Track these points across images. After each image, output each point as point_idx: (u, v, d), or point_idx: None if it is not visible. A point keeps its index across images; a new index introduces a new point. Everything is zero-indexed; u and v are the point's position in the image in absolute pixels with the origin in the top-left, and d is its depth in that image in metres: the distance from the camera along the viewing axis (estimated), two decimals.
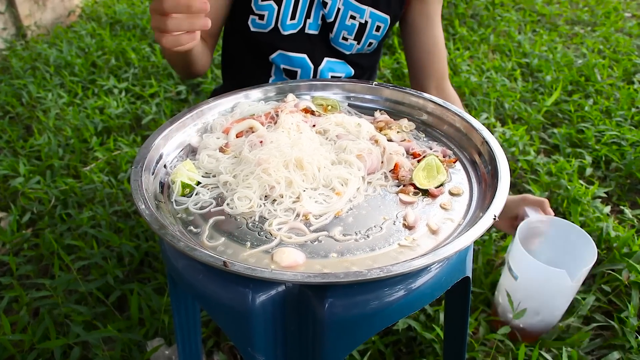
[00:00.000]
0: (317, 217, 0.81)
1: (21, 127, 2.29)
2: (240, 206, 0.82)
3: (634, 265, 1.54)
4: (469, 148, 0.98)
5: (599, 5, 4.14)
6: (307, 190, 0.85)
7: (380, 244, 0.77)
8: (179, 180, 0.86)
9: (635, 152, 2.14)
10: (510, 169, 2.01)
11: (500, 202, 0.78)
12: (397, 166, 0.91)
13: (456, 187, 0.89)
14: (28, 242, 1.69)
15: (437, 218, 0.82)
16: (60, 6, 3.54)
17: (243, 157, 0.89)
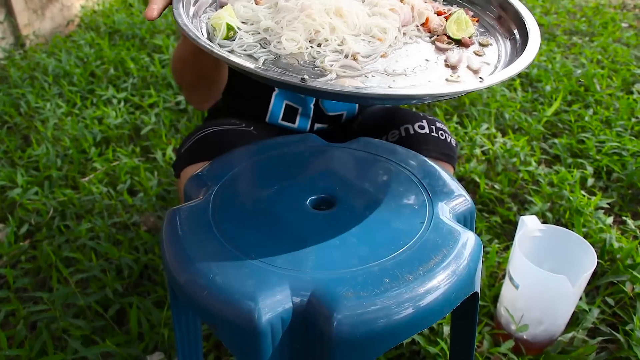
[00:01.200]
0: (365, 57, 0.86)
1: (19, 137, 2.27)
2: (289, 47, 0.84)
3: (637, 277, 1.53)
4: (488, 10, 1.06)
5: (596, 16, 4.14)
6: (349, 36, 0.88)
7: (429, 78, 0.84)
8: (224, 21, 0.86)
9: (636, 163, 2.13)
10: (512, 180, 2.01)
11: (536, 40, 0.89)
12: (428, 20, 0.98)
13: (484, 39, 0.97)
14: (25, 254, 1.67)
15: (475, 61, 0.89)
16: (59, 15, 3.53)
17: (282, 6, 0.90)
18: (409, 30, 0.96)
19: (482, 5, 1.08)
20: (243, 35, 0.87)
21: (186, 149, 1.18)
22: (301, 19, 0.86)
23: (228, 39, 0.87)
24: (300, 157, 1.00)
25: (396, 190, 0.90)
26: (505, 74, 0.81)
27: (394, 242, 0.78)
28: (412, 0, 1.00)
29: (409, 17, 0.97)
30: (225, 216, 0.84)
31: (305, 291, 0.70)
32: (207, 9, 0.97)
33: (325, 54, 0.84)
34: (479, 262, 0.81)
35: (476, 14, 1.06)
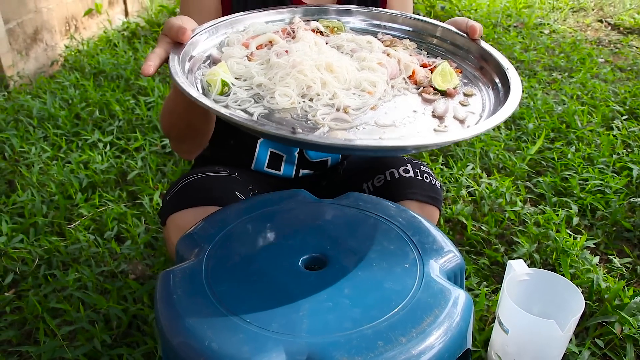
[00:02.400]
0: (356, 110, 0.90)
1: (3, 183, 2.26)
2: (282, 102, 0.88)
3: (626, 318, 1.54)
4: (469, 61, 1.10)
5: (573, 52, 4.24)
6: (340, 90, 0.91)
7: (417, 129, 0.88)
8: (219, 78, 0.88)
9: (619, 200, 2.16)
10: (498, 220, 2.02)
11: (518, 90, 0.93)
12: (414, 72, 1.03)
13: (468, 89, 1.02)
14: (10, 305, 1.65)
15: (460, 111, 0.94)
16: (43, 55, 3.54)
17: (274, 62, 0.94)
18: (397, 83, 1.00)
19: (463, 57, 1.12)
20: (237, 91, 0.90)
21: (171, 196, 1.19)
22: (293, 75, 0.90)
23: (223, 94, 0.89)
24: (291, 215, 1.00)
25: (387, 249, 0.91)
26: (489, 123, 0.85)
27: (386, 303, 0.79)
28: (398, 53, 1.05)
29: (396, 70, 1.02)
30: (219, 278, 0.84)
31: (300, 356, 0.71)
32: (201, 65, 1.00)
33: (317, 108, 0.87)
34: (470, 319, 0.82)
35: (459, 65, 1.10)
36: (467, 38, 1.10)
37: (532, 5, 5.77)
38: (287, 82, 0.90)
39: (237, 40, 1.05)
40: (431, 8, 4.49)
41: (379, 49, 1.07)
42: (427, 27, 1.18)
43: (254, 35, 1.07)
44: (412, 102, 0.96)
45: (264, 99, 0.89)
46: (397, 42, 1.13)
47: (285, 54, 0.95)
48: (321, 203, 1.04)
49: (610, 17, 5.42)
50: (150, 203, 2.06)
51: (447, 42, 1.15)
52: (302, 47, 0.97)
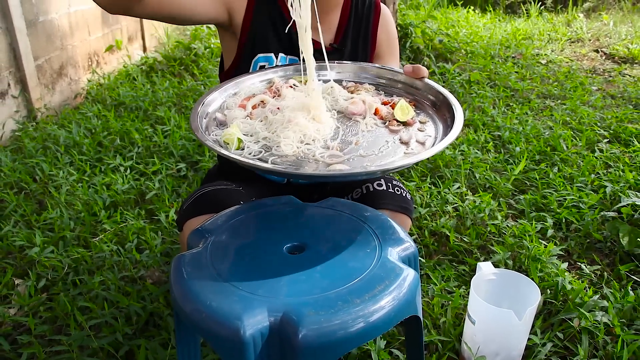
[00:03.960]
0: (344, 146, 1.19)
1: (35, 202, 2.51)
2: (286, 150, 1.14)
3: (584, 313, 1.74)
4: (419, 95, 1.41)
5: (567, 80, 4.47)
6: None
7: (392, 154, 1.16)
8: (236, 137, 1.15)
9: (592, 215, 2.36)
10: (480, 233, 2.24)
11: (460, 117, 1.21)
12: (378, 110, 1.32)
13: (422, 117, 1.31)
14: (43, 305, 1.88)
15: (420, 136, 1.23)
16: (68, 89, 3.83)
17: (272, 119, 1.22)
18: (369, 121, 1.28)
19: (413, 92, 1.44)
20: (249, 145, 1.18)
21: (187, 205, 1.41)
22: (291, 128, 1.18)
23: (239, 149, 1.17)
24: (280, 214, 1.24)
25: (354, 239, 1.13)
26: (442, 144, 1.14)
27: (348, 276, 1.01)
28: (362, 95, 1.36)
29: (363, 108, 1.32)
30: (219, 259, 1.07)
31: (278, 312, 0.93)
32: (212, 127, 1.29)
33: (315, 149, 1.16)
34: (417, 291, 1.04)
35: (411, 99, 1.41)
36: (415, 78, 1.44)
37: (531, 37, 6.02)
38: (286, 134, 1.17)
39: (234, 104, 1.34)
40: (430, 41, 4.75)
41: (341, 95, 1.37)
42: (383, 72, 1.51)
43: (246, 97, 1.37)
44: (383, 134, 1.25)
45: (271, 149, 1.16)
46: (359, 87, 1.44)
47: (277, 110, 1.25)
48: (305, 205, 1.27)
49: (605, 47, 5.65)
50: (166, 219, 2.30)
51: (400, 82, 1.48)
52: (288, 104, 1.27)
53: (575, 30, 6.36)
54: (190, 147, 2.92)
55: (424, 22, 5.02)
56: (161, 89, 3.84)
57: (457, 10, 7.07)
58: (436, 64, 4.58)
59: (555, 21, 6.95)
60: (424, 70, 1.41)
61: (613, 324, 1.74)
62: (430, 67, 4.46)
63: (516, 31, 6.16)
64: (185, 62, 4.51)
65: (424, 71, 1.41)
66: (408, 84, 1.45)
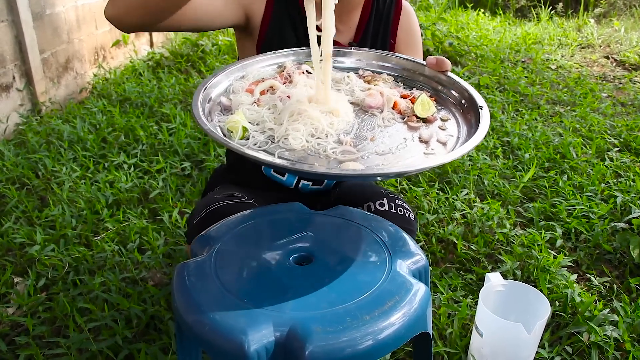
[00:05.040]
0: (358, 142, 1.08)
1: (37, 199, 2.48)
2: (295, 144, 1.04)
3: (593, 328, 1.71)
4: (441, 90, 1.30)
5: (577, 86, 4.42)
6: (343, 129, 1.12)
7: (410, 154, 1.05)
8: (241, 125, 1.05)
9: (602, 225, 2.32)
10: (488, 241, 2.20)
11: (487, 118, 1.10)
12: (396, 103, 1.21)
13: (444, 115, 1.20)
14: (43, 305, 1.85)
15: (442, 135, 1.12)
16: (73, 83, 3.80)
17: (282, 109, 1.11)
18: (386, 115, 1.18)
19: (435, 87, 1.32)
20: (255, 135, 1.08)
21: (198, 220, 1.36)
22: (302, 120, 1.08)
23: (243, 138, 1.07)
24: (287, 222, 1.20)
25: (363, 250, 1.10)
26: (466, 147, 1.02)
27: (357, 290, 0.97)
28: (379, 87, 1.25)
29: (381, 101, 1.21)
30: (224, 269, 1.03)
31: (284, 327, 0.89)
32: (217, 112, 1.18)
33: (327, 144, 1.06)
34: (428, 307, 1.00)
35: (432, 93, 1.30)
36: (437, 71, 1.32)
37: (542, 42, 5.97)
38: (296, 127, 1.07)
39: (241, 87, 1.23)
40: (440, 44, 4.71)
41: (357, 85, 1.27)
42: (403, 62, 1.40)
43: (255, 82, 1.26)
44: (401, 130, 1.14)
45: (278, 141, 1.06)
46: (377, 77, 1.34)
47: (287, 99, 1.14)
48: (313, 213, 1.24)
49: (616, 54, 5.60)
50: (169, 219, 2.26)
51: (422, 75, 1.36)
52: (300, 92, 1.16)
53: (586, 36, 6.30)
54: (195, 146, 2.89)
55: (434, 24, 4.98)
56: (167, 86, 3.80)
57: (467, 13, 7.02)
58: None
59: (565, 26, 6.88)
60: (447, 63, 1.31)
61: (623, 339, 1.70)
62: None
63: (526, 35, 6.10)
64: (192, 59, 4.47)
65: (447, 64, 1.31)
66: (430, 77, 1.33)
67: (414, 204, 2.45)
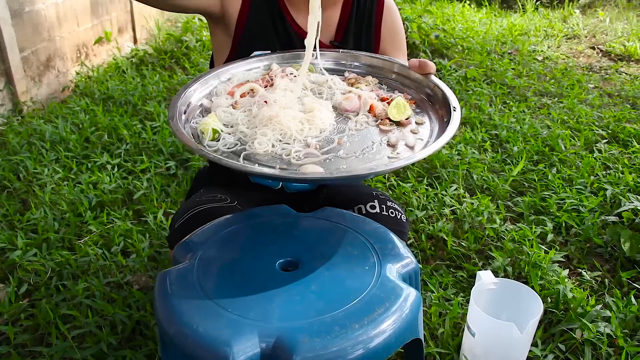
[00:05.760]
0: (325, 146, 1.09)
1: (18, 202, 2.42)
2: (259, 148, 1.05)
3: (586, 324, 1.68)
4: (422, 93, 1.29)
5: (564, 78, 4.40)
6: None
7: (374, 158, 1.05)
8: (211, 127, 1.07)
9: (592, 219, 2.30)
10: (478, 237, 2.17)
11: (457, 119, 1.10)
12: (372, 107, 1.20)
13: (419, 118, 1.20)
14: (25, 312, 1.80)
15: (411, 139, 1.11)
16: (55, 82, 3.73)
17: (256, 114, 1.12)
18: (360, 119, 1.17)
19: (417, 89, 1.31)
20: (225, 137, 1.09)
21: (179, 225, 1.31)
22: (271, 126, 1.09)
23: (214, 140, 1.08)
24: (272, 226, 1.17)
25: (351, 254, 1.06)
26: (423, 153, 1.04)
27: (345, 297, 0.94)
28: (358, 91, 1.24)
29: (357, 105, 1.20)
30: (207, 277, 1.00)
31: (270, 338, 0.86)
32: (195, 114, 1.18)
33: (291, 148, 1.06)
34: (419, 313, 0.97)
35: (413, 96, 1.28)
36: (420, 73, 1.31)
37: (528, 33, 5.96)
38: (264, 132, 1.08)
39: (224, 90, 1.24)
40: (426, 37, 4.67)
41: (339, 88, 1.26)
42: (387, 64, 1.38)
43: (239, 84, 1.26)
44: (371, 133, 1.14)
45: (247, 144, 1.07)
46: (360, 80, 1.32)
47: (263, 104, 1.14)
48: (299, 216, 1.20)
49: (602, 45, 5.60)
50: (154, 221, 2.22)
51: (404, 77, 1.35)
52: (277, 97, 1.16)
53: (572, 27, 6.30)
54: (180, 145, 2.84)
55: (420, 17, 4.94)
56: (151, 83, 3.75)
57: (453, 5, 6.99)
58: (432, 60, 4.50)
59: (551, 17, 6.87)
60: (430, 65, 1.29)
61: (616, 334, 1.68)
62: None
63: (512, 27, 6.08)
64: (177, 55, 4.41)
65: (430, 67, 1.29)
66: (410, 79, 1.32)
67: (403, 200, 2.42)
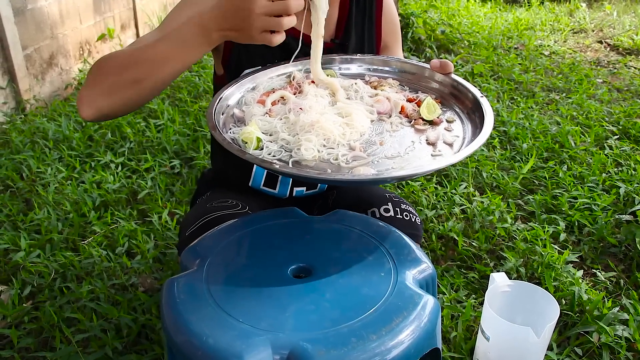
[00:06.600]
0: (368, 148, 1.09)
1: (21, 201, 2.39)
2: (307, 155, 1.04)
3: (603, 328, 1.64)
4: (446, 92, 1.29)
5: (572, 72, 4.35)
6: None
7: (418, 155, 1.06)
8: (255, 135, 1.05)
9: (606, 217, 2.26)
10: (489, 237, 2.13)
11: (490, 117, 1.11)
12: (404, 108, 1.21)
13: (450, 116, 1.20)
14: (28, 315, 1.77)
15: (448, 136, 1.12)
16: (58, 80, 3.70)
17: (294, 121, 1.10)
18: (393, 120, 1.17)
19: (440, 89, 1.31)
20: (269, 145, 1.07)
21: (191, 232, 1.27)
22: (314, 132, 1.07)
23: (258, 148, 1.05)
24: (283, 230, 1.12)
25: (366, 260, 1.02)
26: (473, 146, 1.03)
27: (361, 306, 0.90)
28: (386, 93, 1.24)
29: (389, 107, 1.21)
30: (217, 284, 0.96)
31: (284, 350, 0.82)
32: (231, 125, 1.17)
33: (338, 152, 1.06)
34: (438, 321, 0.93)
35: (437, 96, 1.28)
36: (441, 73, 1.30)
37: (533, 27, 5.90)
38: (308, 138, 1.06)
39: (253, 99, 1.22)
40: (431, 32, 4.62)
41: (365, 91, 1.25)
42: (408, 67, 1.38)
43: (266, 92, 1.24)
44: (408, 134, 1.15)
45: (291, 151, 1.06)
46: (383, 82, 1.32)
47: (299, 110, 1.13)
48: (310, 219, 1.16)
49: (609, 38, 5.53)
50: (159, 221, 2.18)
51: (426, 78, 1.34)
52: (310, 103, 1.15)
53: (578, 21, 6.23)
54: (184, 143, 2.80)
55: (426, 11, 4.89)
56: None
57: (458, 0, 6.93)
58: (438, 55, 4.45)
59: (557, 11, 6.80)
60: (450, 65, 1.29)
61: (634, 338, 1.64)
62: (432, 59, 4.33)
63: (518, 21, 6.02)
64: None
65: (450, 66, 1.30)
66: (434, 79, 1.33)
67: (412, 199, 2.38)
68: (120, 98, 1.13)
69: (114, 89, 1.12)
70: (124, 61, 1.13)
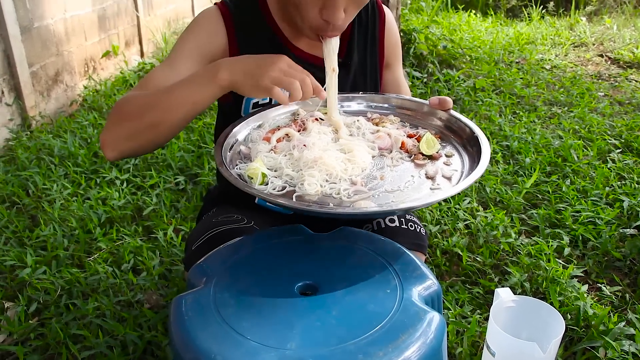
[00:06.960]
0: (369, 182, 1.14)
1: (27, 218, 2.40)
2: (310, 189, 1.08)
3: (610, 343, 1.64)
4: (443, 127, 1.35)
5: (573, 86, 4.37)
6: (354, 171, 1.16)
7: (417, 189, 1.11)
8: (260, 171, 1.10)
9: (610, 231, 2.26)
10: (493, 252, 2.13)
11: (487, 150, 1.15)
12: (404, 143, 1.26)
13: (449, 151, 1.25)
14: (34, 332, 1.77)
15: (446, 170, 1.17)
16: (64, 96, 3.73)
17: (298, 157, 1.16)
18: (395, 155, 1.22)
19: (438, 124, 1.37)
20: (273, 180, 1.11)
21: (197, 247, 1.28)
22: (317, 167, 1.12)
23: (263, 184, 1.10)
24: (289, 247, 1.13)
25: (372, 277, 1.03)
26: (469, 180, 1.08)
27: (368, 323, 0.91)
28: (387, 129, 1.30)
29: (390, 143, 1.26)
30: (224, 302, 0.96)
31: None
32: (237, 161, 1.21)
33: (340, 186, 1.10)
34: (443, 338, 0.93)
35: (437, 131, 1.34)
36: (441, 109, 1.36)
37: (534, 42, 5.93)
38: (311, 173, 1.11)
39: (259, 136, 1.27)
40: (433, 47, 4.65)
41: (367, 128, 1.31)
42: (408, 103, 1.44)
43: (271, 130, 1.30)
44: (408, 168, 1.20)
45: (295, 186, 1.10)
46: (384, 119, 1.37)
47: (303, 147, 1.18)
48: (316, 236, 1.17)
49: (610, 52, 5.56)
50: (164, 237, 2.19)
51: (426, 114, 1.40)
52: (314, 140, 1.21)
53: (579, 34, 6.27)
54: (189, 159, 2.82)
55: (427, 27, 4.92)
56: None
57: (459, 15, 6.98)
58: (440, 70, 4.47)
59: (557, 25, 6.84)
60: (449, 101, 1.35)
61: None
62: (434, 74, 4.35)
63: (519, 35, 6.06)
64: None
65: (449, 103, 1.35)
66: (433, 116, 1.39)
67: (416, 214, 2.38)
68: (139, 140, 1.19)
69: (134, 133, 1.18)
70: (142, 106, 1.17)
